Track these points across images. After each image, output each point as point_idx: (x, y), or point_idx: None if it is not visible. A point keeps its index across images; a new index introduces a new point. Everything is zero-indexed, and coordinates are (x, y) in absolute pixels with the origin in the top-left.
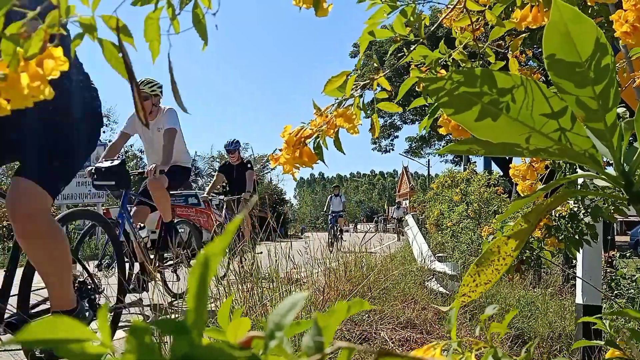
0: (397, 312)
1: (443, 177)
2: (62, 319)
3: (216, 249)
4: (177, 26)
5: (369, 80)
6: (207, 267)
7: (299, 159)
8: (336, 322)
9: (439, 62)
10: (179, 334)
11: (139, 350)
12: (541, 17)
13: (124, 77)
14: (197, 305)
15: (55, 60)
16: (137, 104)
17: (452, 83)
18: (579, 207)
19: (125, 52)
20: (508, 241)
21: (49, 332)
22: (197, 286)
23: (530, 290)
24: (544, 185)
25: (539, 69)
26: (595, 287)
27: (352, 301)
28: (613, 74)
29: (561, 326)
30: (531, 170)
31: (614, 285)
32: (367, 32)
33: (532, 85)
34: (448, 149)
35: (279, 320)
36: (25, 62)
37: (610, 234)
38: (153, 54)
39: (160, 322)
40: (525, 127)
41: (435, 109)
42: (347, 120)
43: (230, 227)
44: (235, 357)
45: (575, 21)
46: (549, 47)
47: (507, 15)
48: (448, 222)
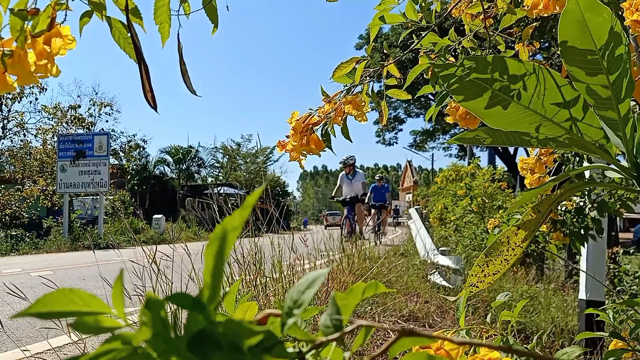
0: (400, 305)
1: (447, 171)
2: (77, 292)
3: (235, 222)
4: (187, 8)
5: (378, 67)
6: (224, 241)
7: (306, 146)
8: (353, 302)
9: (448, 50)
10: (194, 310)
11: (153, 324)
12: (552, 5)
13: (132, 58)
14: (213, 281)
15: (64, 39)
16: (145, 86)
17: (463, 69)
18: (585, 202)
19: (135, 33)
20: (518, 232)
21: (63, 304)
22: (213, 261)
23: (532, 285)
24: (554, 177)
25: (547, 61)
26: (599, 281)
27: (367, 283)
28: (627, 64)
29: (564, 321)
30: (540, 164)
31: (617, 282)
32: (377, 18)
33: (544, 73)
34: (458, 137)
35: (297, 297)
36: (32, 39)
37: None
38: (163, 37)
39: (176, 297)
40: (536, 115)
41: (443, 97)
42: (355, 107)
43: (249, 199)
44: (255, 331)
45: (592, 9)
46: (564, 34)
47: (517, 5)
48: (452, 216)
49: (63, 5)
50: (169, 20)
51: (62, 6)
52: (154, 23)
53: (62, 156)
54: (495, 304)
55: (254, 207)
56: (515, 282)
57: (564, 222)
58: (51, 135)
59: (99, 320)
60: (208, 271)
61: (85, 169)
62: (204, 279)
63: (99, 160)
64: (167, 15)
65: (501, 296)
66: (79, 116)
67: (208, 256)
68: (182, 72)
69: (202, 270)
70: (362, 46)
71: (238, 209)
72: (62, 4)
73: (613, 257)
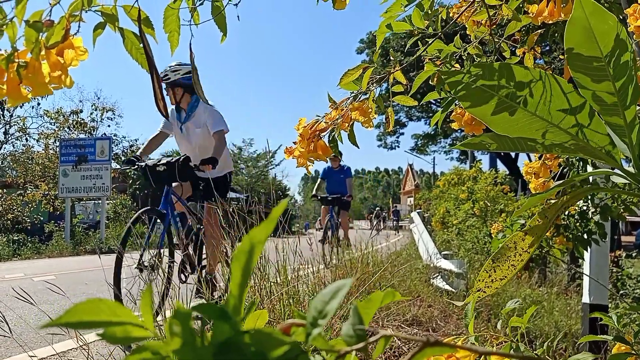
0: (403, 310)
1: (450, 174)
2: (106, 302)
3: (260, 235)
4: (197, 18)
5: (385, 74)
6: (251, 255)
7: (314, 152)
8: (372, 310)
9: (453, 56)
10: (220, 320)
11: (183, 335)
12: (557, 12)
13: (144, 68)
14: (240, 292)
15: (76, 50)
16: (157, 95)
17: (470, 76)
18: (588, 206)
19: (147, 43)
20: (525, 237)
21: (92, 314)
22: (241, 273)
23: (536, 289)
24: (560, 182)
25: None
26: (603, 285)
27: (385, 291)
28: (632, 71)
29: (567, 325)
30: (544, 168)
31: (620, 285)
32: (384, 25)
33: (550, 80)
34: (464, 143)
35: (322, 307)
36: (46, 50)
37: (616, 234)
38: (172, 46)
39: (202, 307)
40: (542, 121)
41: (449, 103)
42: (362, 113)
43: (274, 212)
44: (286, 342)
45: (597, 16)
46: (570, 40)
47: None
48: (454, 220)
49: (77, 17)
50: (179, 29)
51: (76, 18)
52: (164, 32)
53: (64, 161)
54: (505, 311)
55: (258, 211)
56: (518, 286)
57: (567, 226)
58: (53, 140)
59: (127, 331)
60: (235, 283)
61: (87, 173)
62: (231, 290)
63: (100, 164)
64: (176, 25)
65: (511, 303)
66: (80, 121)
67: (235, 269)
68: (194, 82)
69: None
70: (362, 50)
71: (264, 221)
72: (76, 15)
73: (616, 261)
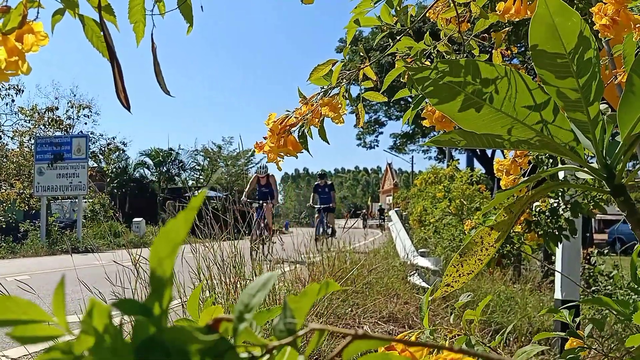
0: (380, 306)
1: (427, 173)
2: (15, 300)
3: (179, 223)
4: (162, 7)
5: (355, 69)
6: (173, 247)
7: (284, 148)
8: (308, 304)
9: (424, 54)
10: (142, 316)
11: (96, 332)
12: (524, 10)
13: (105, 56)
14: (158, 286)
15: (36, 35)
16: (118, 85)
17: (437, 72)
18: (558, 203)
19: (107, 30)
20: (491, 232)
21: (2, 312)
22: (157, 264)
23: (510, 286)
24: (527, 178)
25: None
26: (574, 281)
27: (322, 282)
28: (596, 67)
29: (540, 321)
30: (515, 165)
31: (592, 282)
32: (353, 21)
33: (515, 76)
34: (433, 140)
35: (248, 301)
36: (3, 36)
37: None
38: (138, 37)
39: (121, 303)
40: (507, 118)
41: (419, 100)
42: (332, 109)
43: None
44: (203, 340)
45: (561, 13)
46: (535, 37)
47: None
48: (431, 218)
49: (35, 2)
50: (144, 20)
51: (34, 4)
52: (129, 22)
53: (39, 159)
54: (458, 305)
55: (233, 210)
56: (493, 283)
57: (538, 222)
58: (28, 138)
59: (36, 329)
60: (152, 275)
61: (63, 171)
62: (151, 285)
63: (77, 163)
64: (142, 15)
65: (464, 296)
66: (56, 118)
67: (153, 259)
68: (156, 73)
69: (180, 273)
70: (342, 49)
71: (182, 211)
72: (34, 1)
73: (588, 258)
